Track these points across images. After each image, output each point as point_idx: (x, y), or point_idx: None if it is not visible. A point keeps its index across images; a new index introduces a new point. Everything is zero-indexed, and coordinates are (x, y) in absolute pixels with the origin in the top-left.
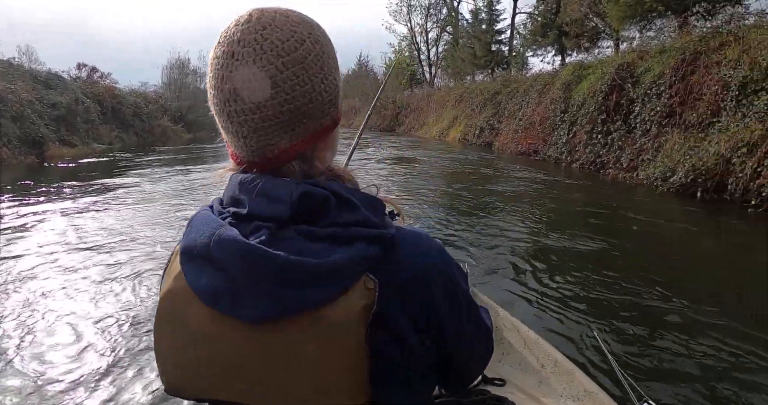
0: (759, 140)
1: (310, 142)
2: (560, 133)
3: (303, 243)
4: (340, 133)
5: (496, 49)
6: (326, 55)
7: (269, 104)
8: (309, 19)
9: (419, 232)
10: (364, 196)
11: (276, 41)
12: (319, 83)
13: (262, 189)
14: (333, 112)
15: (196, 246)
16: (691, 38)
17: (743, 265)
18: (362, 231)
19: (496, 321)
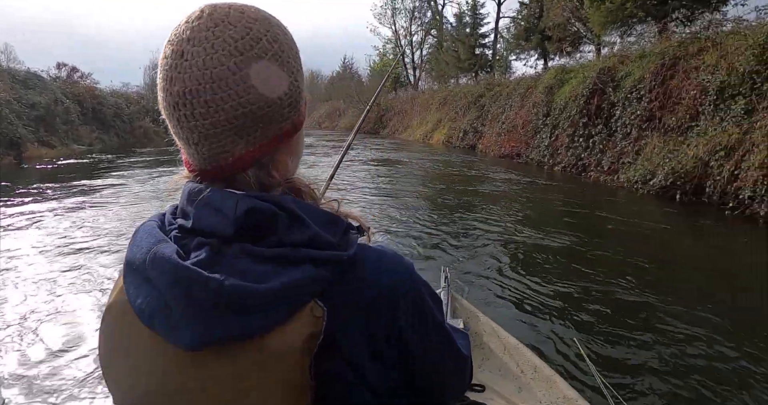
0: (736, 144)
1: (269, 148)
2: (543, 136)
3: (246, 263)
4: (312, 135)
5: (480, 53)
6: (285, 55)
7: (221, 108)
8: (267, 16)
9: (385, 249)
10: (321, 213)
11: (229, 39)
12: (277, 85)
13: (207, 201)
14: (294, 115)
15: (135, 261)
16: (670, 44)
17: (721, 267)
18: (312, 253)
19: (476, 326)
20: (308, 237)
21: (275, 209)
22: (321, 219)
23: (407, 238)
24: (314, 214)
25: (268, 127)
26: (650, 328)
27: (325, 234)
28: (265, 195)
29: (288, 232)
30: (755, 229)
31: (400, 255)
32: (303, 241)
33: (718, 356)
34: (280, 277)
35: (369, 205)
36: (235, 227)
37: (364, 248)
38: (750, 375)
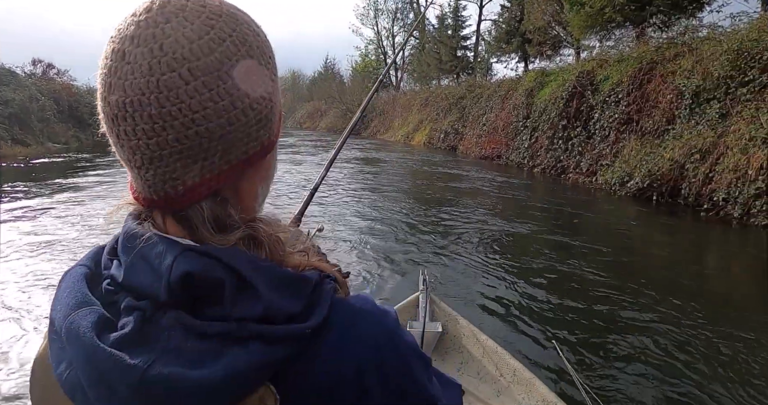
0: (711, 147)
1: (231, 175)
2: (522, 138)
3: (182, 339)
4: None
5: (461, 55)
6: (256, 61)
7: (169, 126)
8: (235, 11)
9: (364, 308)
10: (280, 274)
11: (182, 39)
12: (242, 98)
13: (141, 254)
14: (263, 135)
15: (55, 321)
16: (647, 48)
17: (695, 268)
18: (264, 329)
19: (455, 329)
20: (261, 310)
21: (220, 276)
22: (280, 282)
23: (385, 240)
24: (271, 276)
25: (230, 149)
26: (628, 329)
27: (283, 303)
28: (215, 250)
29: (235, 303)
30: (729, 230)
31: (381, 312)
32: (252, 316)
33: (696, 356)
34: (220, 361)
35: (346, 206)
36: (168, 293)
37: (337, 309)
38: (726, 373)
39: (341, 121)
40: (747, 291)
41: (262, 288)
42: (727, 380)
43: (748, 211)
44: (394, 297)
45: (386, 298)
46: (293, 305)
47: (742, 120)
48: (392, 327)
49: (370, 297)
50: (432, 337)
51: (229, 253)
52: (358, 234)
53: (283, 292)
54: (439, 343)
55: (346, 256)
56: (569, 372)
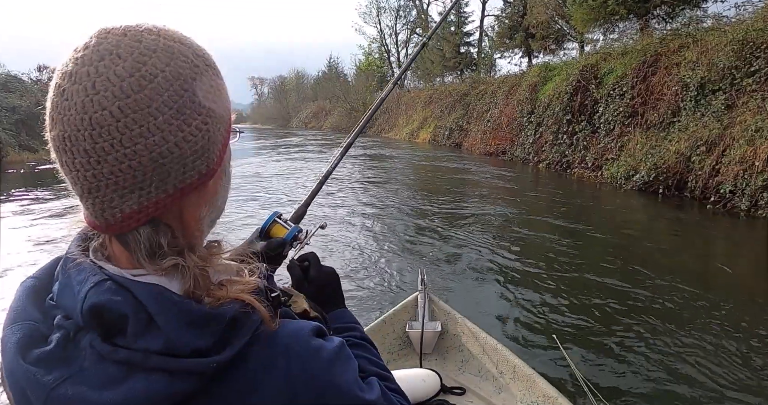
0: (717, 139)
1: (168, 203)
2: (527, 133)
3: (93, 362)
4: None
5: (464, 51)
6: (190, 94)
7: (103, 160)
8: (172, 45)
9: (289, 345)
10: (188, 312)
11: (113, 78)
12: (174, 132)
13: (68, 280)
14: (200, 165)
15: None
16: (651, 40)
17: (703, 262)
18: (164, 362)
19: (454, 328)
20: (161, 345)
21: (126, 310)
22: (188, 320)
23: (384, 239)
24: (179, 313)
25: (165, 180)
26: (631, 325)
27: (187, 339)
28: (131, 284)
29: (140, 336)
30: (736, 223)
31: (313, 348)
32: (156, 349)
33: (704, 360)
34: (122, 386)
35: (347, 204)
36: (82, 319)
37: (259, 346)
38: (732, 368)
39: (346, 120)
40: (755, 285)
41: (164, 324)
42: (733, 375)
43: (755, 204)
44: (394, 298)
45: (385, 300)
46: (200, 341)
47: (748, 111)
48: (321, 367)
49: (310, 329)
50: (432, 337)
51: (142, 287)
52: (358, 233)
53: (191, 328)
54: (439, 343)
55: (346, 256)
56: (570, 367)
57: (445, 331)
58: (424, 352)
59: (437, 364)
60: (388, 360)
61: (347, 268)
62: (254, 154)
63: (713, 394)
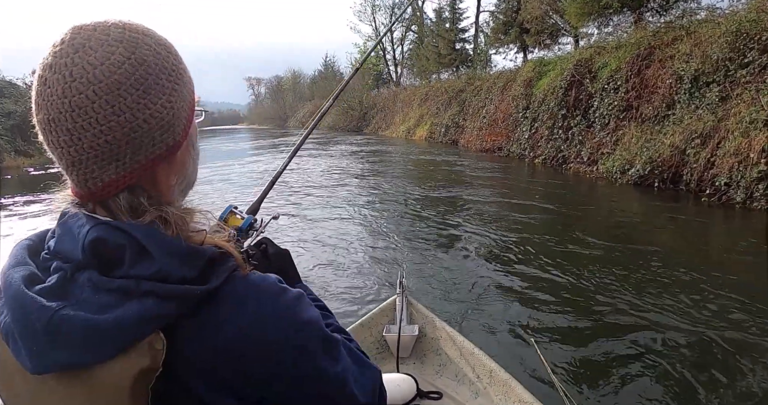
0: (711, 131)
1: (142, 172)
2: (523, 129)
3: (91, 293)
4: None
5: (460, 48)
6: (154, 77)
7: (83, 136)
8: (136, 36)
9: (262, 286)
10: (176, 245)
11: (87, 66)
12: (141, 110)
13: (67, 226)
14: (168, 138)
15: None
16: (645, 33)
17: (697, 257)
18: (156, 286)
19: (433, 332)
20: (154, 271)
21: (123, 241)
22: (175, 251)
23: (363, 240)
24: (168, 246)
25: (137, 152)
26: (613, 330)
27: (177, 268)
28: (121, 224)
29: (134, 265)
30: (732, 215)
31: (279, 290)
32: (148, 275)
33: (685, 366)
34: (118, 310)
35: (324, 202)
36: (83, 255)
37: (234, 283)
38: (719, 377)
39: (343, 119)
40: (750, 279)
41: (156, 253)
42: (721, 381)
43: (750, 195)
44: (372, 301)
45: (363, 303)
46: (186, 271)
47: (743, 102)
48: (287, 305)
49: (275, 278)
50: (409, 340)
51: (135, 226)
52: (336, 233)
53: (178, 259)
54: (417, 346)
55: (322, 257)
56: (547, 372)
57: (423, 335)
58: (401, 356)
59: (415, 368)
60: None
61: (324, 271)
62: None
63: (695, 397)
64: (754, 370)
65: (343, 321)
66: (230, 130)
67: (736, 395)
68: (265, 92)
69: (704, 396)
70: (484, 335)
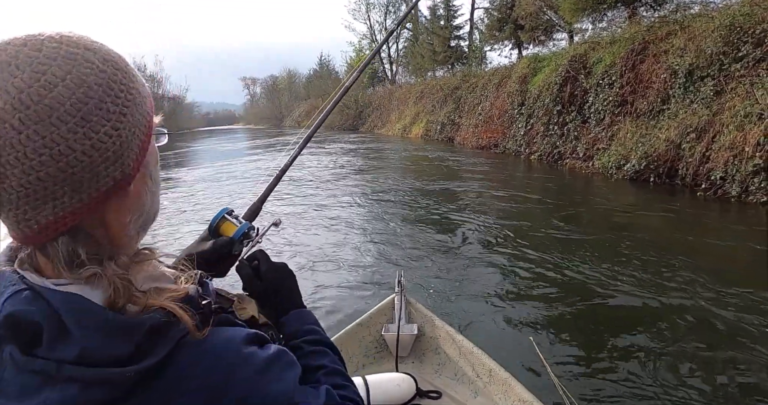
0: (706, 125)
1: (84, 212)
2: (518, 125)
3: (11, 373)
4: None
5: (455, 45)
6: (96, 101)
7: (10, 173)
8: (75, 51)
9: (217, 354)
10: (105, 321)
11: (12, 89)
12: (80, 141)
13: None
14: (115, 171)
15: None
16: (639, 28)
17: (692, 251)
18: (78, 372)
19: (432, 331)
20: (77, 354)
21: (39, 318)
22: (103, 326)
23: (361, 239)
24: (94, 321)
25: (77, 189)
26: (613, 329)
27: (104, 346)
28: (44, 291)
29: (53, 346)
30: (727, 209)
31: (244, 357)
32: (70, 359)
33: (684, 367)
34: (40, 397)
35: (320, 201)
36: (1, 330)
37: (183, 353)
38: (715, 373)
39: (339, 118)
40: (746, 274)
41: (77, 332)
42: (722, 379)
43: (746, 189)
44: (370, 300)
45: (361, 303)
46: (118, 349)
47: (737, 96)
48: (247, 378)
49: (243, 336)
50: (408, 340)
51: (59, 296)
52: (332, 232)
53: (107, 335)
54: (416, 345)
55: (319, 257)
56: (547, 371)
57: (422, 334)
58: (400, 355)
59: (414, 368)
60: (364, 364)
61: (321, 270)
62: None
63: (693, 391)
64: (757, 363)
65: (342, 320)
66: (226, 131)
67: (736, 388)
68: (261, 92)
69: (703, 390)
70: (483, 334)
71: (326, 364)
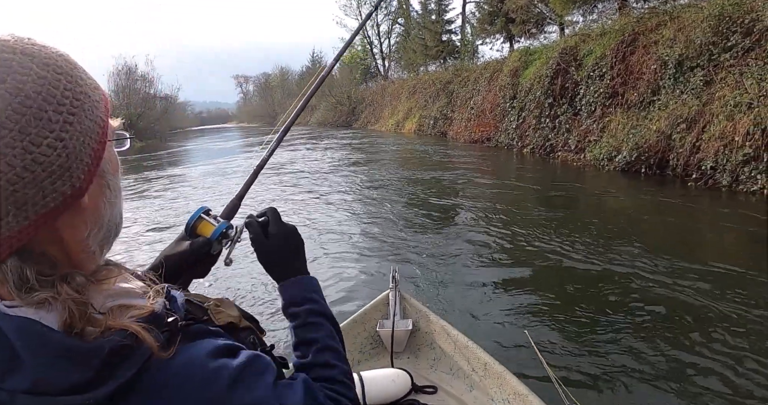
0: (696, 116)
1: (34, 230)
2: (510, 119)
3: None
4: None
5: (446, 39)
6: (35, 110)
7: None
8: (9, 57)
9: (184, 373)
10: (59, 344)
11: None
12: (19, 156)
13: None
14: (63, 186)
15: None
16: (629, 19)
17: (683, 241)
18: (32, 402)
19: (427, 326)
20: (30, 383)
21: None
22: (60, 354)
23: (354, 234)
24: (48, 348)
25: (21, 208)
26: (607, 321)
27: (60, 373)
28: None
29: (5, 376)
30: (718, 198)
31: (211, 372)
32: (24, 388)
33: (676, 361)
34: None
35: (311, 196)
36: None
37: (149, 375)
38: (713, 365)
39: (332, 114)
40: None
41: (30, 360)
42: (715, 368)
43: (736, 179)
44: (365, 296)
45: (355, 299)
46: (76, 375)
47: (727, 86)
48: (216, 393)
49: (210, 349)
50: (403, 335)
51: (9, 321)
52: (325, 228)
53: (62, 362)
54: (411, 341)
55: (312, 253)
56: (542, 364)
57: (417, 329)
58: (395, 351)
59: (409, 363)
60: (360, 360)
61: (313, 265)
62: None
63: (691, 395)
64: (753, 349)
65: (336, 316)
66: (219, 129)
67: (734, 376)
68: (254, 90)
69: (701, 383)
70: (478, 328)
71: (319, 338)
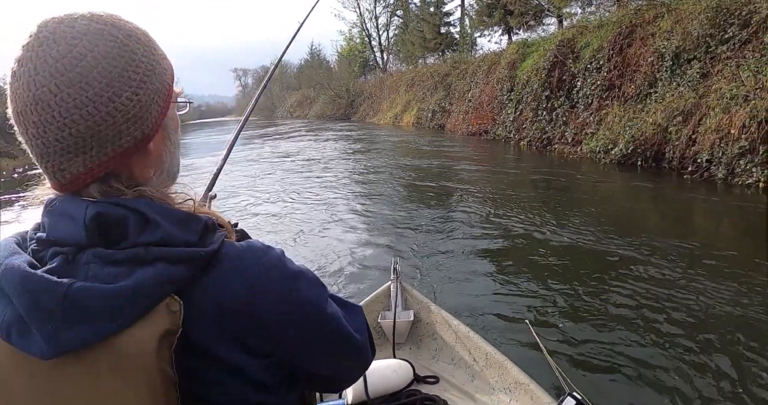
0: (693, 108)
1: (113, 164)
2: (507, 111)
3: (99, 267)
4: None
5: (445, 31)
6: (119, 70)
7: (48, 129)
8: (102, 28)
9: (251, 245)
10: (174, 212)
11: (50, 59)
12: (105, 103)
13: (59, 210)
14: (135, 131)
15: None
16: (627, 11)
17: (680, 232)
18: (165, 250)
19: (428, 317)
20: (160, 236)
21: (125, 212)
22: (175, 218)
23: (355, 226)
24: (167, 214)
25: (103, 145)
26: (607, 310)
27: (180, 232)
28: (117, 199)
29: (139, 233)
30: (713, 191)
31: (265, 248)
32: (155, 241)
33: (675, 350)
34: (131, 277)
35: (312, 188)
36: (86, 233)
37: (228, 245)
38: (713, 356)
39: (330, 107)
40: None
41: (159, 220)
42: (716, 360)
43: (732, 171)
44: (366, 288)
45: (357, 291)
46: (189, 235)
47: (723, 78)
48: (275, 260)
49: (258, 242)
50: (405, 326)
51: (130, 200)
52: (326, 219)
53: (178, 224)
54: (412, 332)
55: (313, 245)
56: (543, 353)
57: (419, 320)
58: (397, 342)
59: (411, 354)
60: None
61: (314, 258)
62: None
63: (690, 382)
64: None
65: None
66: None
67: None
68: (252, 83)
69: (700, 376)
70: (479, 318)
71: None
